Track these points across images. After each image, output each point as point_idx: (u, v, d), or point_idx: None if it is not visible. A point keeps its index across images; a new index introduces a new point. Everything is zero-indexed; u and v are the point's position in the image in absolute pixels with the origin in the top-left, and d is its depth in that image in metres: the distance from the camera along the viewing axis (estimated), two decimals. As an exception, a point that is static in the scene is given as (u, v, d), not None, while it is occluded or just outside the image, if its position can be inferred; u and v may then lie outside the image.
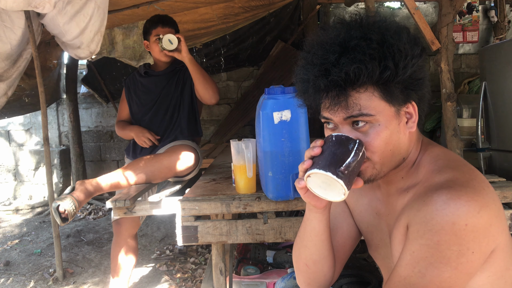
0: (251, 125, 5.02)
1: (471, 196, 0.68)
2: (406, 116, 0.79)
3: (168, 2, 3.25)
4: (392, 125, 0.77)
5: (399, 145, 0.79)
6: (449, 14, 2.49)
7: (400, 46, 0.73)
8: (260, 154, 1.52)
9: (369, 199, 0.92)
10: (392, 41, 0.73)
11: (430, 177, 0.76)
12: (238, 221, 1.53)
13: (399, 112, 0.78)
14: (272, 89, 1.45)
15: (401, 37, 0.74)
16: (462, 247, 0.66)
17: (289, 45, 4.86)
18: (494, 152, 2.78)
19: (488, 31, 5.12)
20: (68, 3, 2.45)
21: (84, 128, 5.30)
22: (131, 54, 4.05)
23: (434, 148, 0.82)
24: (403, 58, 0.73)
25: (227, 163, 2.29)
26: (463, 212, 0.66)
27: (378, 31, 0.74)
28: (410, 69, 0.74)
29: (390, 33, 0.74)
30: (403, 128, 0.79)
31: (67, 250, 3.41)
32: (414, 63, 0.75)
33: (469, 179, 0.72)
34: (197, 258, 3.18)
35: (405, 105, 0.78)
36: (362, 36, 0.73)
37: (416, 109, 0.79)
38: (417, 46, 0.76)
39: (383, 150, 0.77)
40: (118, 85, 5.00)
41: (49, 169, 2.88)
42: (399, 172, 0.84)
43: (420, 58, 0.76)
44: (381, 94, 0.75)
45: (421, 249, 0.68)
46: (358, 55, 0.72)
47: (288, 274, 2.10)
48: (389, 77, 0.73)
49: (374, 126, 0.76)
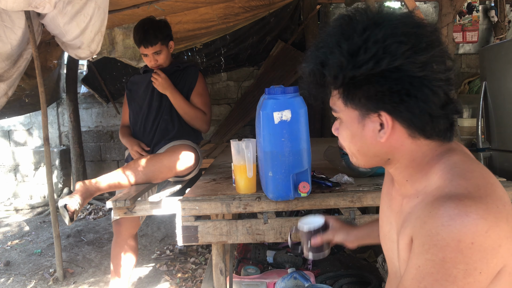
0: (251, 125, 5.02)
1: (481, 214, 0.64)
2: (380, 124, 0.75)
3: (168, 2, 3.25)
4: (354, 127, 0.78)
5: (368, 147, 0.78)
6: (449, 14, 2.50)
7: (336, 56, 0.72)
8: (260, 154, 1.52)
9: (387, 189, 0.91)
10: (334, 49, 0.72)
11: (442, 185, 0.71)
12: (238, 221, 1.53)
13: (365, 117, 0.76)
14: (273, 89, 1.45)
15: (346, 46, 0.71)
16: (468, 266, 0.63)
17: (289, 45, 4.86)
18: (494, 152, 2.78)
19: (489, 31, 5.12)
20: (69, 3, 2.45)
21: (84, 128, 5.30)
22: (131, 54, 4.05)
23: (453, 156, 0.75)
24: (334, 70, 0.72)
25: (227, 163, 2.29)
26: (470, 230, 0.63)
27: (334, 34, 0.74)
28: (345, 81, 0.72)
29: (342, 39, 0.72)
30: (372, 135, 0.76)
31: (67, 250, 3.41)
32: (354, 76, 0.71)
33: (483, 194, 0.66)
34: (197, 258, 3.18)
35: (372, 114, 0.75)
36: (324, 38, 0.76)
37: (389, 121, 0.73)
38: (368, 57, 0.69)
39: (348, 146, 0.82)
40: (118, 85, 5.00)
41: (49, 169, 2.88)
42: (400, 174, 0.82)
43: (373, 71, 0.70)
44: (342, 96, 0.77)
45: (427, 264, 0.66)
46: (311, 55, 0.77)
47: (288, 274, 2.10)
48: (328, 82, 0.75)
49: (341, 123, 0.82)
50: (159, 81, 2.22)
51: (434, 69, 0.70)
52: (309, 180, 1.47)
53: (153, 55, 2.29)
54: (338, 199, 1.52)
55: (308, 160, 1.46)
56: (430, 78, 0.70)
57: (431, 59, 0.70)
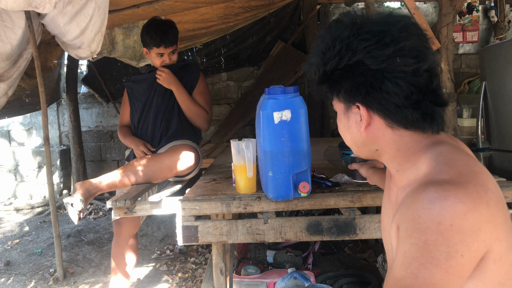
0: (251, 125, 5.02)
1: (459, 198, 0.66)
2: (360, 115, 0.82)
3: (168, 2, 3.25)
4: (342, 119, 0.87)
5: (356, 138, 0.86)
6: (449, 14, 2.49)
7: (313, 56, 0.83)
8: (261, 154, 1.52)
9: (387, 182, 0.96)
10: (313, 50, 0.83)
11: (427, 172, 0.74)
12: (238, 221, 1.53)
13: (348, 110, 0.84)
14: (273, 89, 1.45)
15: (321, 46, 0.81)
16: (450, 248, 0.65)
17: (289, 45, 4.86)
18: (494, 152, 2.78)
19: (488, 31, 5.12)
20: (69, 3, 2.45)
21: (85, 128, 5.30)
22: (131, 54, 4.05)
23: (440, 146, 0.78)
24: (312, 69, 0.83)
25: (228, 163, 2.29)
26: (448, 212, 0.65)
27: (318, 38, 0.84)
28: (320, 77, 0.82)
29: (320, 42, 0.82)
30: (355, 125, 0.84)
31: (67, 250, 3.41)
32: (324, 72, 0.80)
33: (464, 180, 0.69)
34: (198, 258, 3.18)
35: (352, 105, 0.82)
36: (315, 42, 0.85)
37: (364, 112, 0.80)
38: (333, 54, 0.78)
39: (343, 136, 0.90)
40: (118, 85, 5.00)
41: (49, 169, 2.88)
42: (391, 164, 0.86)
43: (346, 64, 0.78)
44: (329, 92, 0.85)
45: (411, 248, 0.68)
46: (309, 57, 0.86)
47: (288, 274, 2.11)
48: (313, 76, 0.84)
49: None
50: (163, 77, 2.24)
51: (398, 62, 0.75)
52: (309, 180, 1.47)
53: (169, 55, 2.33)
54: (338, 199, 1.52)
55: (308, 160, 1.46)
56: (390, 70, 0.75)
57: (395, 53, 0.75)
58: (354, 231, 1.48)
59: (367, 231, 1.48)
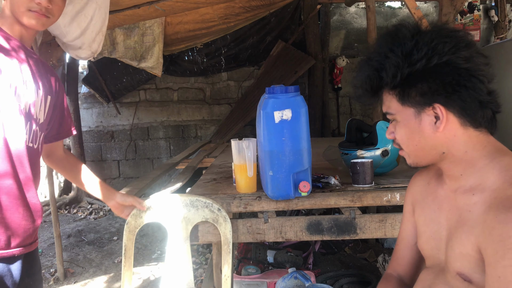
0: (251, 125, 5.02)
1: None
2: (435, 117, 0.83)
3: (169, 3, 3.26)
4: (411, 124, 0.86)
5: (426, 141, 0.85)
6: (450, 14, 2.49)
7: (392, 59, 0.82)
8: (261, 154, 1.53)
9: (433, 197, 0.95)
10: (389, 54, 0.83)
11: (502, 188, 0.76)
12: (238, 220, 1.53)
13: (420, 113, 0.84)
14: (273, 88, 1.45)
15: (400, 50, 0.82)
16: None
17: (290, 45, 4.86)
18: (494, 152, 2.78)
19: (489, 30, 5.12)
20: (69, 4, 2.45)
21: (85, 128, 5.31)
22: (132, 55, 4.05)
23: (503, 156, 0.82)
24: (393, 69, 0.82)
25: (228, 163, 2.29)
26: None
27: (385, 44, 0.85)
28: (403, 78, 0.82)
29: (394, 46, 0.83)
30: (429, 127, 0.84)
31: (68, 250, 3.41)
32: (410, 72, 0.81)
33: None
34: (198, 257, 3.18)
35: (427, 108, 0.83)
36: (375, 50, 0.87)
37: (443, 112, 0.81)
38: (421, 55, 0.80)
39: (406, 143, 0.89)
40: (119, 85, 5.01)
41: (50, 169, 2.89)
42: (454, 168, 0.86)
43: (428, 66, 0.80)
44: (397, 97, 0.85)
45: (506, 271, 0.67)
46: (365, 65, 0.87)
47: (288, 274, 2.10)
48: (384, 83, 0.85)
49: (398, 123, 0.89)
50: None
51: (476, 61, 0.80)
52: (309, 179, 1.47)
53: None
54: (339, 199, 1.52)
55: (308, 159, 1.46)
56: (474, 69, 0.80)
57: (472, 54, 0.80)
58: (354, 230, 1.48)
59: (368, 230, 1.48)
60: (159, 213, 1.53)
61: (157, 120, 5.33)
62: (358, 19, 5.30)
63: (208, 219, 1.48)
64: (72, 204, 4.90)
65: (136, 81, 5.01)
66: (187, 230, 1.50)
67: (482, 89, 0.81)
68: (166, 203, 1.54)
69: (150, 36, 3.97)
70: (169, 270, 1.52)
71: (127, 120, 5.32)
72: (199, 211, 1.49)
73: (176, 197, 1.55)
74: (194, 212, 1.50)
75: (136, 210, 1.52)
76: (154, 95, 5.28)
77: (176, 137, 5.37)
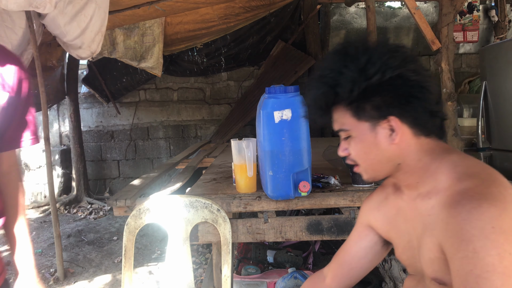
0: (251, 125, 5.02)
1: (490, 202, 0.71)
2: (390, 129, 0.84)
3: (169, 3, 3.26)
4: (367, 138, 0.86)
5: (383, 154, 0.86)
6: (450, 14, 2.49)
7: (347, 74, 0.83)
8: (261, 153, 1.53)
9: (396, 210, 0.97)
10: (343, 70, 0.83)
11: (452, 184, 0.79)
12: (238, 220, 1.53)
13: (376, 126, 0.85)
14: (273, 88, 1.45)
15: (354, 65, 0.83)
16: (499, 249, 0.67)
17: (290, 45, 4.86)
18: (494, 152, 2.78)
19: (489, 30, 5.12)
20: (69, 4, 2.45)
21: (85, 128, 5.31)
22: (132, 55, 4.05)
23: (450, 155, 0.84)
24: (349, 84, 0.82)
25: (228, 162, 2.29)
26: (487, 216, 0.69)
27: (337, 61, 0.85)
28: (360, 92, 0.82)
29: (347, 62, 0.84)
30: (385, 140, 0.85)
31: (68, 250, 3.41)
32: (366, 87, 0.82)
33: (487, 185, 0.75)
34: (198, 257, 3.18)
35: (382, 121, 0.84)
36: (326, 67, 0.87)
37: (398, 123, 0.83)
38: (375, 70, 0.82)
39: (363, 158, 0.89)
40: (118, 85, 5.01)
41: (49, 168, 2.89)
42: (410, 177, 0.88)
43: (381, 80, 0.81)
44: (351, 113, 0.86)
45: (462, 263, 0.69)
46: (318, 83, 0.87)
47: (288, 274, 2.10)
48: (340, 99, 0.85)
49: (352, 139, 0.89)
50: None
51: (423, 74, 0.84)
52: (309, 179, 1.47)
53: None
54: (338, 199, 1.52)
55: (308, 159, 1.46)
56: (423, 80, 0.83)
57: (418, 67, 0.84)
58: (354, 230, 1.48)
59: (368, 230, 1.48)
60: (159, 214, 1.53)
61: (157, 120, 5.33)
62: (358, 19, 5.30)
63: (208, 219, 1.48)
64: (72, 204, 4.90)
65: (136, 81, 5.01)
66: (186, 231, 1.50)
67: (432, 99, 0.84)
68: (165, 204, 1.54)
69: (150, 36, 3.97)
70: (169, 271, 1.52)
71: (127, 120, 5.32)
72: (199, 212, 1.49)
73: (176, 198, 1.55)
74: (193, 212, 1.50)
75: (136, 211, 1.52)
76: (154, 95, 5.28)
77: (176, 137, 5.37)
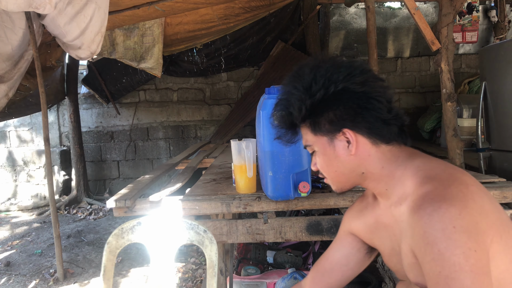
0: (251, 125, 5.02)
1: (449, 202, 0.72)
2: (346, 141, 0.88)
3: (169, 3, 3.26)
4: (327, 151, 0.90)
5: (344, 165, 0.90)
6: (449, 14, 2.49)
7: (295, 94, 0.88)
8: (261, 154, 1.53)
9: (375, 219, 0.98)
10: (293, 90, 0.89)
11: (415, 189, 0.81)
12: (238, 221, 1.53)
13: (333, 139, 0.89)
14: (273, 89, 1.45)
15: (301, 85, 0.88)
16: (463, 248, 0.68)
17: (289, 45, 4.86)
18: (494, 152, 2.78)
19: (489, 31, 5.12)
20: (69, 4, 2.45)
21: (85, 128, 5.31)
22: (131, 55, 4.05)
23: (414, 160, 0.87)
24: (298, 103, 0.88)
25: (228, 163, 2.29)
26: (447, 217, 0.70)
27: (290, 82, 0.91)
28: (308, 109, 0.87)
29: (296, 82, 0.89)
30: (343, 152, 0.89)
31: (67, 251, 3.41)
32: (312, 103, 0.86)
33: (446, 186, 0.77)
34: (198, 258, 3.18)
35: (337, 134, 0.88)
36: (282, 89, 0.93)
37: (352, 135, 0.87)
38: (319, 86, 0.86)
39: (327, 171, 0.93)
40: (118, 85, 5.01)
41: (49, 169, 2.89)
42: (378, 185, 0.90)
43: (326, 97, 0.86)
44: (310, 129, 0.90)
45: (431, 266, 0.70)
46: (278, 106, 0.93)
47: (288, 274, 2.10)
48: (294, 118, 0.89)
49: (316, 153, 0.94)
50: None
51: (372, 85, 0.87)
52: (309, 180, 1.47)
53: None
54: (338, 199, 1.52)
55: (308, 159, 1.46)
56: (371, 91, 0.86)
57: (368, 79, 0.87)
58: (354, 231, 1.48)
59: (367, 231, 1.48)
60: (142, 234, 1.39)
61: (157, 120, 5.33)
62: (357, 19, 5.30)
63: (194, 241, 1.35)
64: (71, 205, 4.90)
65: (135, 81, 5.01)
66: (170, 252, 1.38)
67: (382, 108, 0.86)
68: (149, 224, 1.40)
69: (149, 37, 3.97)
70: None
71: (127, 120, 5.32)
72: (184, 233, 1.37)
73: (160, 218, 1.44)
74: (178, 234, 1.37)
75: (118, 230, 1.42)
76: (153, 96, 5.28)
77: (175, 137, 5.37)
